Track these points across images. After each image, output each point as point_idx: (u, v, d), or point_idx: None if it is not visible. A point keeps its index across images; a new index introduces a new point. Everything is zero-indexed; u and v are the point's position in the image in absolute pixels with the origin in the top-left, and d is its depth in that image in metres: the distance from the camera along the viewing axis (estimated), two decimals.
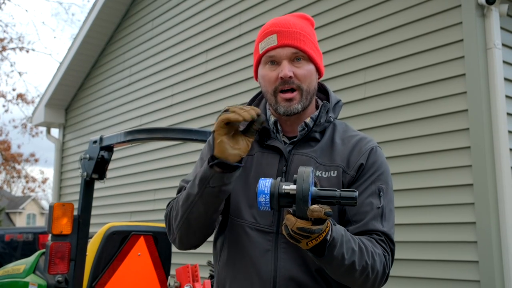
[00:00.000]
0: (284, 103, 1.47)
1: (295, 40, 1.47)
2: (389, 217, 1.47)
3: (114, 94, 7.83)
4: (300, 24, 1.52)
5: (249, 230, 1.46)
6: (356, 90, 4.42)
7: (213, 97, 5.91)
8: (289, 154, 1.50)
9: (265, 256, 1.44)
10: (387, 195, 1.48)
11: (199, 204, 1.41)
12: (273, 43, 1.47)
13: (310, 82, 1.49)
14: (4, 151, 23.59)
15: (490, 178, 3.50)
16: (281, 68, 1.46)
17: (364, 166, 1.48)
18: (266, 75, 1.50)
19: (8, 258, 8.93)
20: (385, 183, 1.49)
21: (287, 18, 1.54)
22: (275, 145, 1.51)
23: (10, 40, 21.98)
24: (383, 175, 1.49)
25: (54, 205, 2.89)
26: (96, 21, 7.87)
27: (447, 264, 3.70)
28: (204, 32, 6.20)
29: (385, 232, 1.43)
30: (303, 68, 1.47)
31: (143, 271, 3.41)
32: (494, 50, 3.62)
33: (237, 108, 1.35)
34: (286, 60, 1.46)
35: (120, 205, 7.22)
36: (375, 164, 1.49)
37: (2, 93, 22.74)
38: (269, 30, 1.50)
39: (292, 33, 1.48)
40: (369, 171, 1.48)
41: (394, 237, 1.47)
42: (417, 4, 4.07)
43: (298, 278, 1.42)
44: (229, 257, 1.50)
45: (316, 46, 1.53)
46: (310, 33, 1.53)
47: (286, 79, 1.45)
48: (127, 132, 2.89)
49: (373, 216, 1.43)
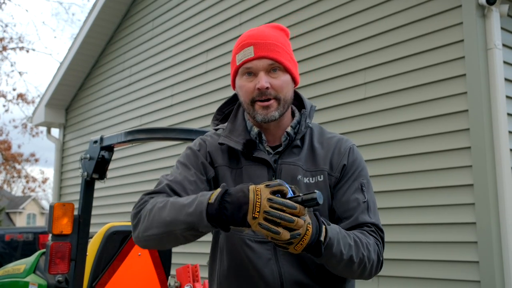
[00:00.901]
0: (262, 111, 1.51)
1: (271, 52, 1.51)
2: (374, 209, 1.56)
3: (114, 94, 7.84)
4: (275, 36, 1.56)
5: (249, 242, 1.49)
6: (357, 91, 4.42)
7: (213, 97, 5.91)
8: (276, 164, 1.55)
9: (268, 264, 1.48)
10: (369, 188, 1.58)
11: (178, 235, 1.36)
12: (249, 55, 1.51)
13: (287, 92, 1.53)
14: (4, 151, 23.60)
15: (490, 178, 3.50)
16: (258, 79, 1.50)
17: (346, 166, 1.57)
18: (243, 86, 1.53)
19: (8, 258, 8.93)
20: (365, 178, 1.59)
21: (263, 29, 1.58)
22: (262, 157, 1.53)
23: (10, 39, 21.99)
24: (363, 171, 1.59)
25: (55, 205, 2.89)
26: (96, 21, 7.87)
27: (447, 265, 3.70)
28: (204, 32, 6.20)
29: (374, 223, 1.52)
30: (279, 79, 1.52)
31: (143, 271, 3.41)
32: (494, 51, 3.62)
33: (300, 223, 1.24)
34: (262, 72, 1.51)
35: (121, 205, 7.22)
36: (355, 162, 1.58)
37: (3, 93, 22.76)
38: (246, 42, 1.54)
39: (268, 44, 1.52)
40: (350, 170, 1.57)
41: (381, 225, 1.55)
42: (417, 4, 4.07)
43: (302, 280, 1.48)
44: (230, 269, 1.53)
45: (291, 56, 1.58)
46: (285, 44, 1.57)
47: (263, 90, 1.49)
48: (128, 132, 2.89)
49: (361, 210, 1.52)
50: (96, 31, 7.99)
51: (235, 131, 1.60)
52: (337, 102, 4.52)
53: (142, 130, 2.94)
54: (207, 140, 1.63)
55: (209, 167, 1.56)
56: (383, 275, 3.96)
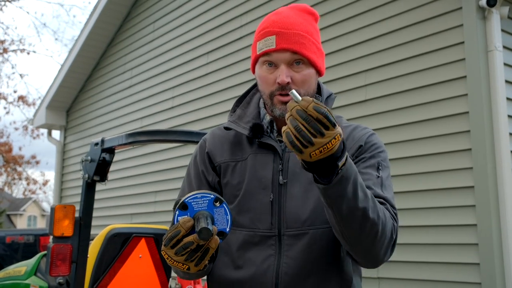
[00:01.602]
0: (280, 106, 1.40)
1: (295, 44, 1.38)
2: (389, 188, 1.40)
3: (115, 96, 7.84)
4: (301, 23, 1.42)
5: (249, 237, 1.41)
6: (357, 92, 4.42)
7: (214, 99, 5.92)
8: (284, 152, 1.44)
9: (268, 260, 1.38)
10: (385, 171, 1.42)
11: (186, 276, 1.35)
12: (271, 45, 1.39)
13: (309, 86, 1.42)
14: (5, 153, 23.62)
15: (491, 180, 3.50)
16: (279, 72, 1.38)
17: (363, 147, 1.43)
18: (263, 76, 1.43)
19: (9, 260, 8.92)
20: (384, 160, 1.44)
21: (288, 14, 1.43)
22: (268, 142, 1.44)
23: (11, 42, 22.03)
24: (382, 153, 1.44)
25: (56, 207, 2.90)
26: (97, 23, 7.88)
27: (448, 266, 3.70)
28: (205, 34, 6.21)
29: (387, 198, 1.36)
30: (301, 73, 1.40)
31: (144, 273, 3.41)
32: (495, 52, 3.62)
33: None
34: (284, 65, 1.39)
35: (121, 207, 7.22)
36: (374, 145, 1.45)
37: (3, 95, 22.83)
38: (268, 30, 1.41)
39: (292, 35, 1.39)
40: (368, 150, 1.43)
41: (396, 206, 1.40)
42: (418, 6, 4.08)
43: (305, 278, 1.36)
44: (226, 264, 1.44)
45: (317, 46, 1.44)
46: (312, 32, 1.43)
47: (284, 85, 1.38)
48: (129, 134, 2.89)
49: (373, 183, 1.37)
50: (97, 33, 8.00)
51: (245, 117, 1.50)
52: (338, 104, 4.52)
53: (143, 132, 2.94)
54: (207, 139, 1.55)
55: (209, 172, 1.49)
56: (383, 277, 3.96)
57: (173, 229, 1.18)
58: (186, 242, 1.16)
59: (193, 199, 1.21)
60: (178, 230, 1.17)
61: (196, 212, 1.20)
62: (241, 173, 1.45)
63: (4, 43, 21.65)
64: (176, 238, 1.17)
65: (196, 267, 1.21)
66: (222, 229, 1.21)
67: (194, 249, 1.17)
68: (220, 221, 1.21)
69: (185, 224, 1.17)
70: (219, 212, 1.21)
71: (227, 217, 1.22)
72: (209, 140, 1.54)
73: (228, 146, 1.50)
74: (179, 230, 1.17)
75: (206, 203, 1.21)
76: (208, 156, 1.51)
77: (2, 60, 23.57)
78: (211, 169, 1.50)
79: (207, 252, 1.19)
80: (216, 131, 1.56)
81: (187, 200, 1.21)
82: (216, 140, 1.53)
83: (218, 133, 1.55)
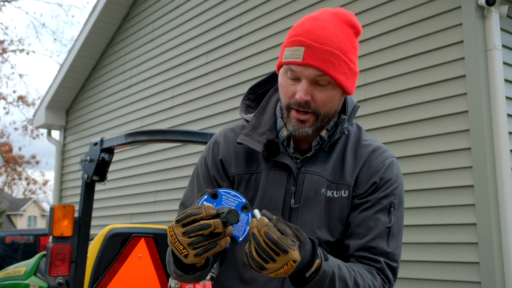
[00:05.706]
0: (295, 123, 1.32)
1: (323, 63, 1.26)
2: (397, 235, 1.37)
3: (114, 96, 7.84)
4: (337, 37, 1.30)
5: None
6: (357, 92, 4.42)
7: (214, 98, 5.92)
8: (299, 171, 1.36)
9: (272, 282, 1.35)
10: (399, 210, 1.37)
11: (185, 279, 1.32)
12: (297, 58, 1.27)
13: (330, 108, 1.33)
14: (5, 153, 23.62)
15: (490, 179, 3.50)
16: (300, 87, 1.28)
17: (377, 184, 1.37)
18: (284, 85, 1.33)
19: (9, 260, 8.91)
20: (398, 197, 1.38)
21: (325, 24, 1.30)
22: (284, 161, 1.35)
23: (11, 42, 22.01)
24: (397, 189, 1.38)
25: (55, 207, 2.90)
26: (96, 23, 7.88)
27: (448, 266, 3.70)
28: (205, 34, 6.20)
29: (389, 253, 1.34)
30: (324, 93, 1.29)
31: (144, 273, 3.41)
32: (494, 51, 3.62)
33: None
34: (306, 81, 1.28)
35: (121, 207, 7.22)
36: (390, 180, 1.38)
37: (3, 95, 22.80)
38: (299, 40, 1.29)
39: (322, 52, 1.26)
40: (382, 188, 1.37)
41: (399, 256, 1.38)
42: (417, 5, 4.08)
43: None
44: (232, 275, 1.42)
45: (349, 66, 1.31)
46: (348, 50, 1.31)
47: (302, 102, 1.29)
48: (128, 134, 2.89)
49: (379, 234, 1.33)
50: (97, 33, 8.00)
51: (260, 128, 1.40)
52: None
53: (142, 132, 2.94)
54: (221, 142, 1.45)
55: (223, 180, 1.41)
56: None
57: (195, 208, 1.13)
58: (203, 224, 1.11)
59: (226, 193, 1.18)
60: (200, 211, 1.12)
61: (222, 206, 1.17)
62: (254, 189, 1.39)
63: (3, 43, 21.65)
64: (193, 217, 1.12)
65: (194, 258, 1.15)
66: (236, 236, 1.17)
67: (204, 236, 1.12)
68: (238, 228, 1.17)
69: (209, 209, 1.12)
70: (242, 219, 1.17)
71: (246, 227, 1.17)
72: (223, 145, 1.44)
73: (242, 155, 1.41)
74: (200, 211, 1.12)
75: (235, 203, 1.18)
76: (221, 164, 1.42)
77: (2, 60, 23.57)
78: (226, 177, 1.43)
79: (214, 247, 1.13)
80: (229, 134, 1.46)
81: (220, 191, 1.18)
82: (231, 147, 1.43)
83: (232, 137, 1.45)
